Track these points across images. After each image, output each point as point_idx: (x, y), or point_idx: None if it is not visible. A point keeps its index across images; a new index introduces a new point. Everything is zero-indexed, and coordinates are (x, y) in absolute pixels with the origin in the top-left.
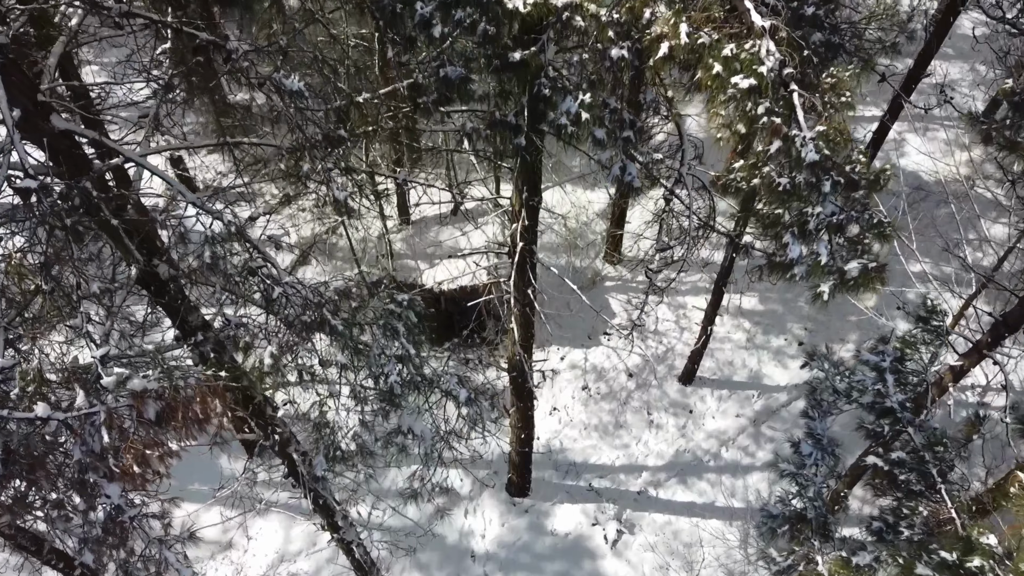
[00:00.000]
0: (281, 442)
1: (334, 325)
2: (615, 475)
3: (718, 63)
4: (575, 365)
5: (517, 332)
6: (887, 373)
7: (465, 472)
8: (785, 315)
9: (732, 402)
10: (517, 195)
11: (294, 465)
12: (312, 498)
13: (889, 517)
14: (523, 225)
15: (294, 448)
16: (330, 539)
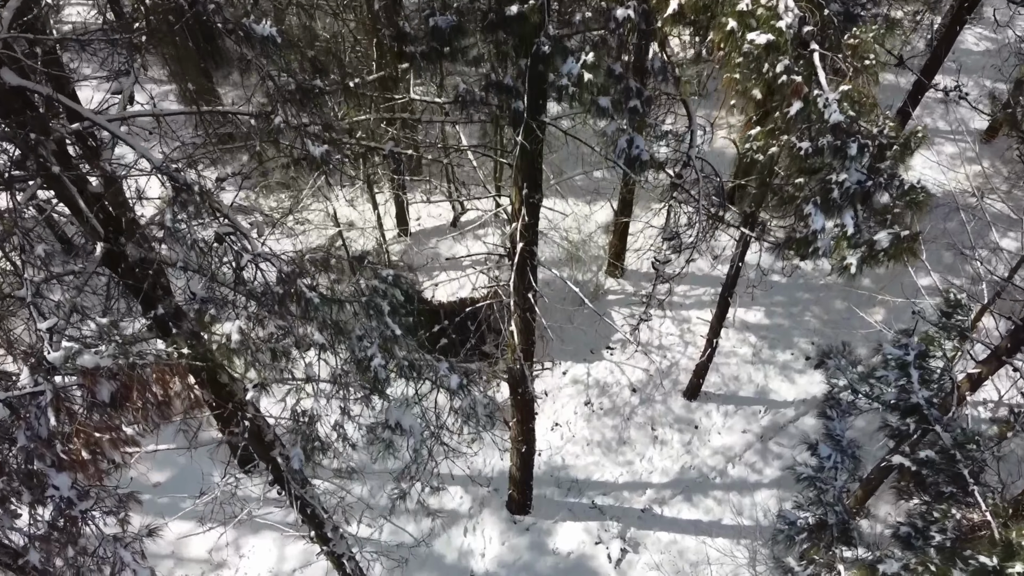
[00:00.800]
0: (265, 445)
1: (310, 298)
2: (619, 492)
3: (732, 18)
4: (577, 380)
5: (517, 339)
6: (911, 368)
7: (464, 489)
8: (791, 329)
9: (738, 418)
10: (517, 192)
11: (279, 470)
12: (299, 507)
13: (918, 522)
14: (523, 224)
15: (279, 452)
16: (319, 552)
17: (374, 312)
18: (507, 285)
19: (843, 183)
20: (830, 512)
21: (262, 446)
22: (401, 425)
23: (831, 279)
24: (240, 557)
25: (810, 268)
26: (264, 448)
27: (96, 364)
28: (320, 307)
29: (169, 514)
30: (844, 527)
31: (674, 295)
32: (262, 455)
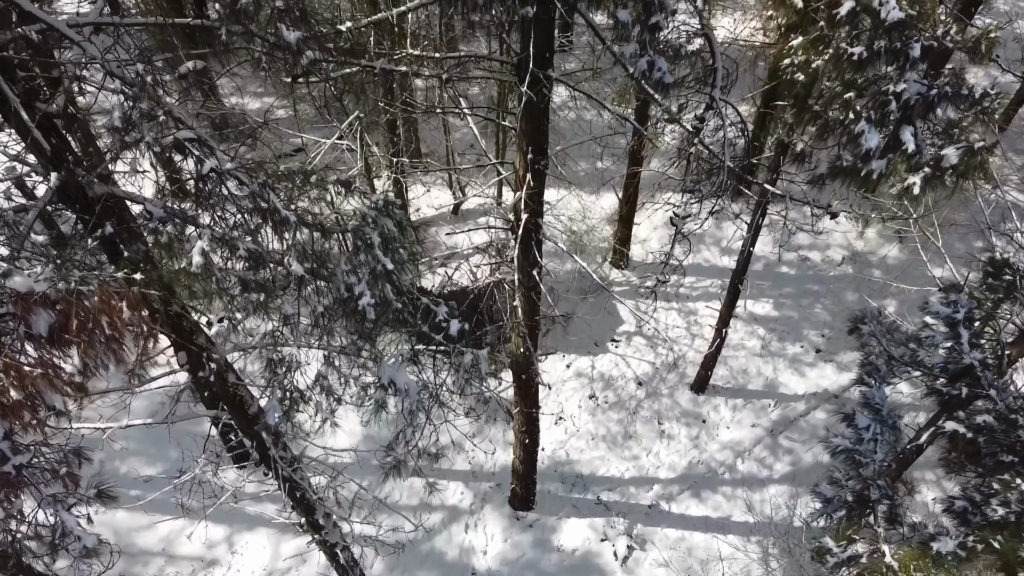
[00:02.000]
0: (248, 419)
1: (285, 216)
2: (625, 488)
3: None
4: (581, 373)
5: (521, 320)
6: (961, 327)
7: (465, 484)
8: (801, 322)
9: (747, 412)
10: (521, 157)
11: (265, 448)
12: (288, 490)
13: (975, 495)
14: (528, 192)
15: (263, 425)
16: (310, 540)
17: (362, 244)
18: (511, 263)
19: (901, 94)
20: (872, 487)
21: (245, 420)
22: (395, 383)
23: (841, 270)
24: (233, 553)
25: (820, 259)
26: (247, 422)
27: (30, 288)
28: (297, 227)
29: (160, 510)
30: (889, 503)
31: (681, 287)
32: (245, 429)
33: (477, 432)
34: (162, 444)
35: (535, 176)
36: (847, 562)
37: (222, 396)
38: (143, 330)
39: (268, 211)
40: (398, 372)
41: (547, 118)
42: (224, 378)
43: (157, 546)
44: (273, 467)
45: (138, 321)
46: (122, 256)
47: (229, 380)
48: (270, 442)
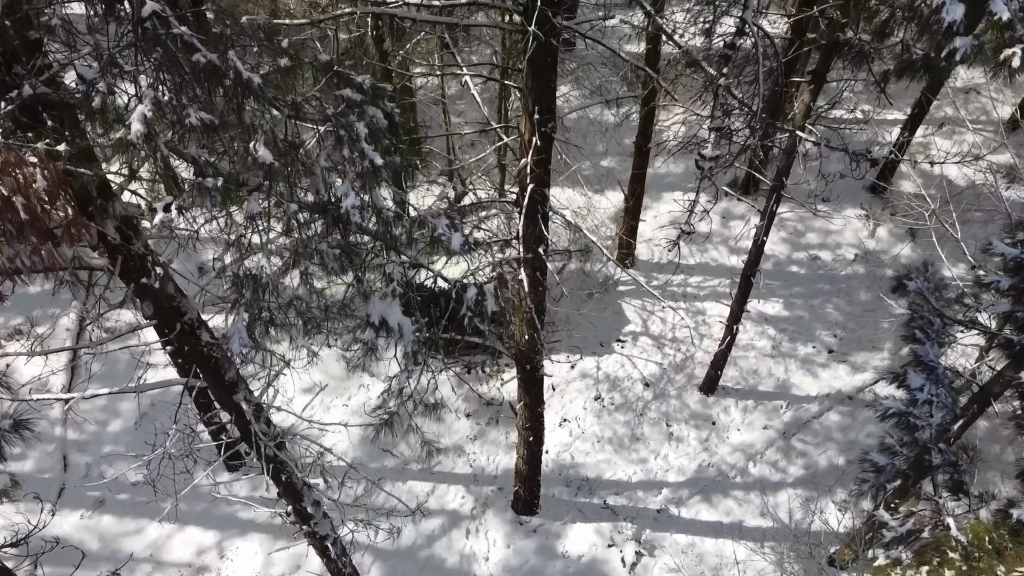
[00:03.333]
0: (226, 386)
1: (249, 80)
2: (632, 492)
3: None
4: (586, 374)
5: (525, 307)
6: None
7: (466, 488)
8: (812, 322)
9: (758, 413)
10: (527, 118)
11: (245, 422)
12: (272, 472)
13: None
14: (534, 159)
15: (244, 395)
16: (297, 531)
17: (346, 135)
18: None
19: None
20: (933, 452)
21: (222, 387)
22: (387, 322)
23: (853, 269)
24: (223, 559)
25: (830, 259)
26: (225, 390)
27: None
28: (261, 95)
29: (149, 515)
30: (951, 470)
31: (688, 286)
32: (222, 399)
33: (479, 435)
34: (150, 448)
35: (542, 139)
36: (906, 537)
37: (195, 358)
38: (67, 214)
39: (223, 73)
40: (390, 309)
41: (555, 74)
42: (196, 336)
43: (144, 552)
44: (254, 445)
45: (59, 200)
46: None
47: (202, 339)
48: (250, 414)
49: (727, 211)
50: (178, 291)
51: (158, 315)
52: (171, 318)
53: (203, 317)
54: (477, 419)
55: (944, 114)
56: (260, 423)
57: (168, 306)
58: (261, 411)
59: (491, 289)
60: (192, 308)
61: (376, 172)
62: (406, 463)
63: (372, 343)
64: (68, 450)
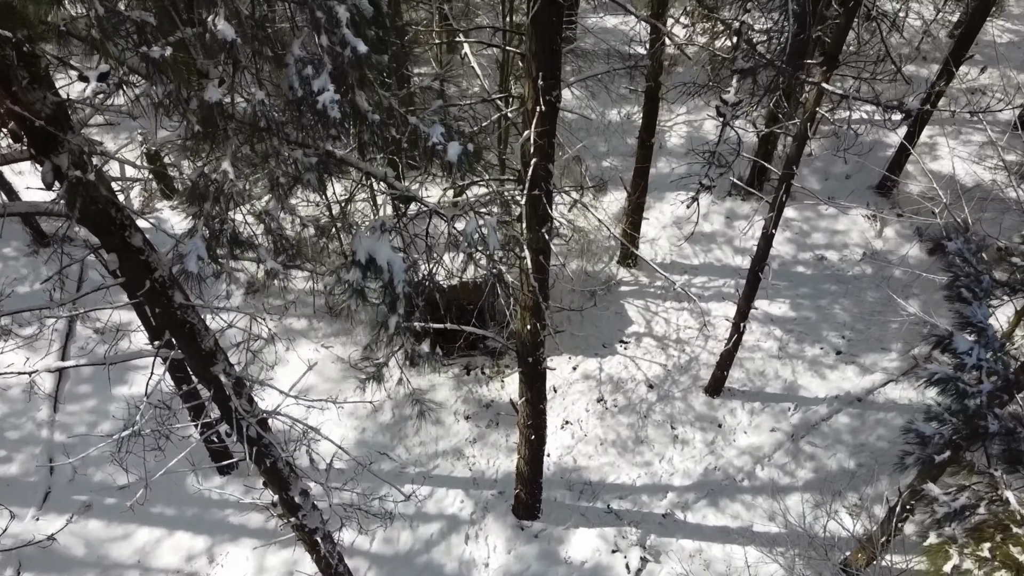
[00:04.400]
0: (203, 356)
1: None
2: (637, 496)
3: None
4: (589, 375)
5: (527, 291)
6: None
7: (465, 492)
8: (819, 323)
9: (766, 415)
10: (531, 84)
11: (225, 397)
12: (255, 456)
13: None
14: (538, 130)
15: (223, 368)
16: (283, 523)
17: (324, 17)
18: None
19: None
20: (989, 419)
21: (199, 357)
22: (375, 260)
23: (860, 270)
24: (213, 565)
25: (837, 259)
26: (202, 360)
27: None
28: None
29: (137, 520)
30: (1008, 439)
31: (693, 286)
32: (199, 371)
33: (479, 437)
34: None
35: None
36: (960, 513)
37: (168, 323)
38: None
39: None
40: (378, 244)
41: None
42: (168, 296)
43: (132, 558)
44: (235, 424)
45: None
46: None
47: (175, 300)
48: (230, 388)
49: (731, 211)
50: (147, 244)
51: (125, 271)
52: (139, 275)
53: (175, 275)
54: (477, 422)
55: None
56: (242, 400)
57: (135, 261)
58: (243, 386)
59: (493, 222)
60: (163, 264)
61: (360, 62)
62: (403, 466)
63: (358, 284)
64: (54, 453)
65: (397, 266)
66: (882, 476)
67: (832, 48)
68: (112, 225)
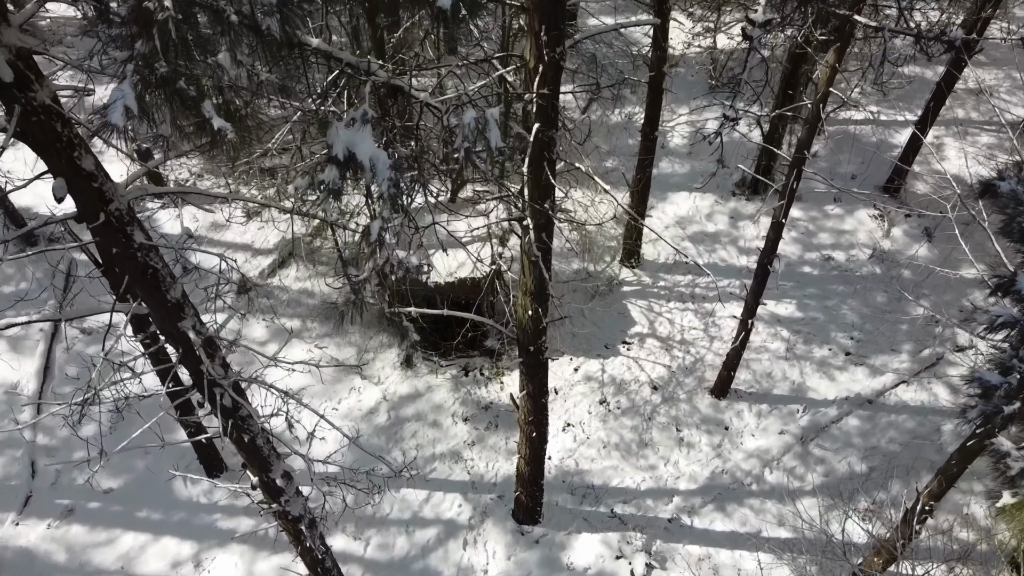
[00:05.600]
0: (168, 307)
1: None
2: (641, 500)
3: None
4: (591, 377)
5: (529, 276)
6: None
7: (463, 496)
8: (827, 324)
9: (773, 418)
10: (533, 40)
11: (195, 356)
12: (231, 431)
13: None
14: (539, 92)
15: (193, 324)
16: (262, 510)
17: None
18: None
19: None
20: None
21: (164, 309)
22: (355, 156)
23: (868, 270)
24: (199, 570)
25: (844, 259)
26: (167, 313)
27: None
28: None
29: (121, 524)
30: None
31: (697, 286)
32: (165, 326)
33: (477, 440)
34: (125, 453)
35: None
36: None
37: (126, 267)
38: None
39: None
40: (358, 137)
41: None
42: (127, 234)
43: (115, 564)
44: (207, 392)
45: None
46: None
47: (135, 239)
48: (201, 348)
49: (736, 211)
50: (100, 169)
51: (76, 201)
52: (92, 206)
53: (133, 209)
54: (475, 424)
55: (955, 115)
56: (215, 363)
57: (86, 188)
58: (216, 348)
59: (494, 114)
60: (121, 197)
61: None
62: (399, 470)
63: (335, 184)
64: (36, 455)
65: (381, 163)
66: (894, 479)
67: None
68: (57, 143)
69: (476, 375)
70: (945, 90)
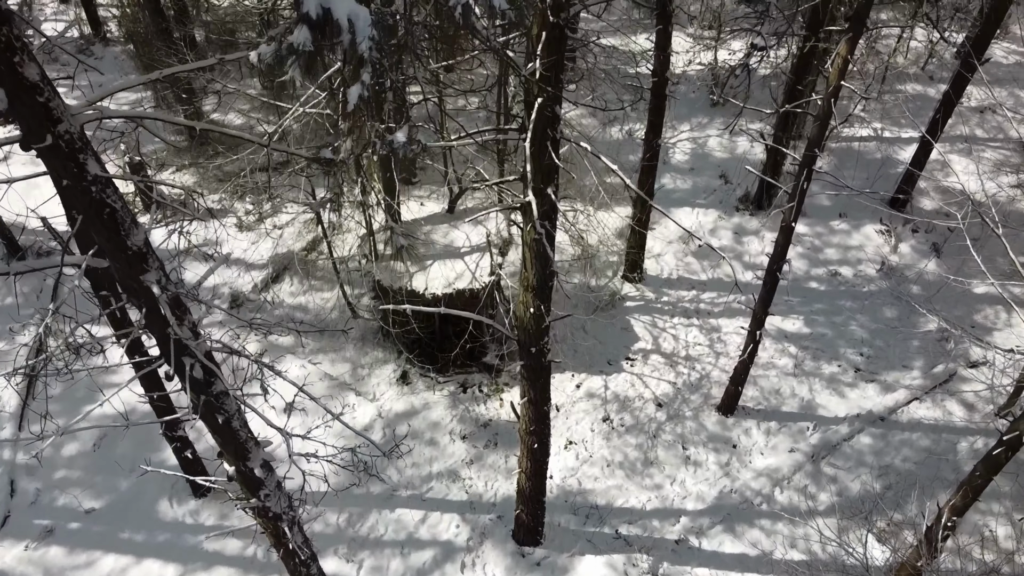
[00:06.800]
0: (130, 259)
1: None
2: (647, 521)
3: None
4: (593, 393)
5: (531, 270)
6: None
7: (461, 516)
8: (836, 339)
9: (783, 436)
10: (536, 2)
11: (160, 321)
12: (202, 408)
13: None
14: (543, 62)
15: (158, 278)
16: (239, 506)
17: None
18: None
19: None
20: None
21: (123, 254)
22: (331, 14)
23: (876, 285)
24: None
25: (851, 275)
26: (127, 260)
27: None
28: None
29: (103, 547)
30: None
31: (701, 302)
32: (126, 281)
33: (476, 458)
34: (109, 472)
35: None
36: None
37: (80, 203)
38: None
39: None
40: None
41: None
42: (79, 162)
43: None
44: (174, 361)
45: None
46: None
47: (88, 169)
48: (167, 306)
49: (740, 227)
50: (47, 84)
51: (18, 118)
52: (38, 125)
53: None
54: (474, 442)
55: (960, 132)
56: (183, 327)
57: (30, 102)
58: (185, 310)
59: None
60: (72, 117)
61: None
62: (394, 489)
63: (306, 46)
64: (16, 474)
65: (361, 20)
66: (911, 499)
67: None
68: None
69: (475, 392)
70: (953, 97)
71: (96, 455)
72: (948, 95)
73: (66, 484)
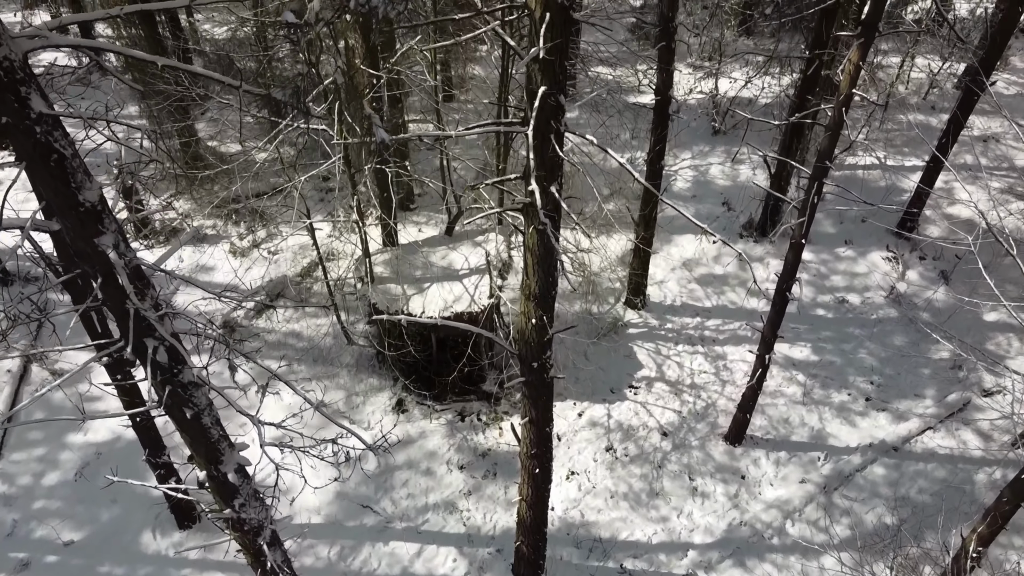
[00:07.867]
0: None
1: None
2: (653, 555)
3: None
4: (596, 422)
5: (533, 277)
6: None
7: (459, 550)
8: (845, 368)
9: (793, 466)
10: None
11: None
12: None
13: None
14: (546, 47)
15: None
16: (213, 518)
17: None
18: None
19: None
20: None
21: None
22: None
23: (885, 313)
24: None
25: (859, 302)
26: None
27: None
28: None
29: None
30: None
31: (706, 329)
32: (77, 242)
33: (474, 489)
34: (90, 503)
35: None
36: None
37: (22, 148)
38: None
39: None
40: None
41: None
42: (19, 95)
43: None
44: (132, 342)
45: None
46: None
47: (32, 106)
48: (124, 273)
49: (744, 253)
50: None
51: None
52: None
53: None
54: (472, 472)
55: (964, 161)
56: (145, 302)
57: None
58: (146, 282)
59: None
60: (12, 41)
61: None
62: (388, 521)
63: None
64: None
65: None
66: (928, 532)
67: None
68: None
69: (473, 420)
70: (961, 119)
71: (77, 485)
72: (956, 116)
73: (45, 515)
